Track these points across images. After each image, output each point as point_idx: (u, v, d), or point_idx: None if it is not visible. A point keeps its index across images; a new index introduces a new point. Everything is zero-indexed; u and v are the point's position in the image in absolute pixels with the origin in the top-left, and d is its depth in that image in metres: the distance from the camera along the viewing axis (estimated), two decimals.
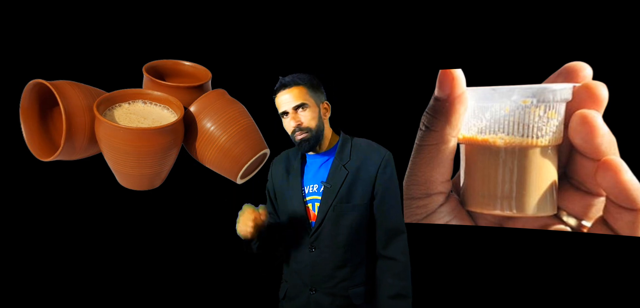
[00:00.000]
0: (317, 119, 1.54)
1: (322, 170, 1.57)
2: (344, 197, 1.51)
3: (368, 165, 1.53)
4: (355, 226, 1.52)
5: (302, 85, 1.53)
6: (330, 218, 1.50)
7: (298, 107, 1.52)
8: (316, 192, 1.55)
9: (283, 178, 1.62)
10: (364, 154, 1.55)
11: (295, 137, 1.54)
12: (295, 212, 1.56)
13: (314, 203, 1.55)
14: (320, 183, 1.54)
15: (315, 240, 1.52)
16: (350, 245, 1.52)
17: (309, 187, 1.57)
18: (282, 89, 1.54)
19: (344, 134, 1.62)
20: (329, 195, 1.51)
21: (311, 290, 1.52)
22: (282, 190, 1.61)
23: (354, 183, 1.52)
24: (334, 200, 1.50)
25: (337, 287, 1.51)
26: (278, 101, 1.56)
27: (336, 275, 1.51)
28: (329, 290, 1.51)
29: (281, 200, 1.62)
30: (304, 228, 1.54)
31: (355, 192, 1.52)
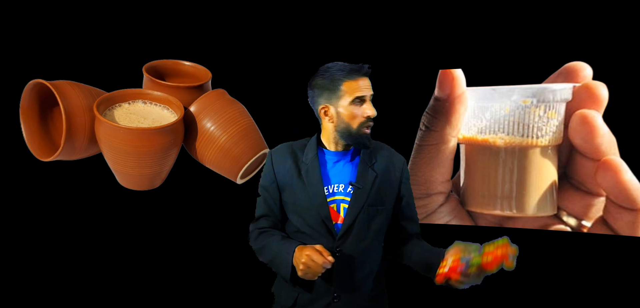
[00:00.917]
0: None
1: (345, 169, 1.47)
2: (373, 199, 1.44)
3: (392, 168, 1.49)
4: (382, 229, 1.47)
5: None
6: (360, 221, 1.42)
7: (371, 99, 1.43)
8: (342, 193, 1.45)
9: (292, 175, 1.47)
10: (387, 156, 1.50)
11: (364, 128, 1.41)
12: (315, 213, 1.43)
13: (339, 204, 1.44)
14: (347, 184, 1.45)
15: (343, 244, 1.42)
16: (375, 250, 1.47)
17: (333, 187, 1.46)
18: (365, 75, 1.43)
19: None
20: (360, 197, 1.42)
21: (335, 298, 1.42)
22: (293, 187, 1.46)
23: (381, 185, 1.46)
24: (365, 202, 1.43)
25: (362, 295, 1.44)
26: (359, 84, 1.41)
27: (361, 281, 1.44)
28: (353, 297, 1.43)
29: (292, 198, 1.46)
30: (326, 231, 1.43)
31: (383, 195, 1.46)
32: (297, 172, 1.46)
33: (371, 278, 1.46)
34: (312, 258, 1.28)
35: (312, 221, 1.42)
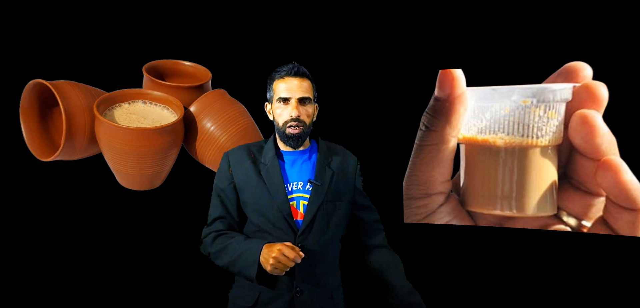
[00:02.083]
0: (312, 118, 1.54)
1: (304, 167, 1.54)
2: (332, 195, 1.52)
3: (347, 166, 1.59)
4: (341, 223, 1.54)
5: (311, 82, 1.55)
6: (320, 217, 1.49)
7: (302, 100, 1.50)
8: (301, 190, 1.51)
9: (250, 175, 1.52)
10: (341, 155, 1.60)
11: (288, 129, 1.49)
12: (277, 211, 1.48)
13: (298, 201, 1.50)
14: (305, 181, 1.52)
15: (304, 240, 1.47)
16: (335, 244, 1.54)
17: (292, 185, 1.52)
18: (293, 75, 1.51)
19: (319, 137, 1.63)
20: (319, 193, 1.50)
21: (297, 292, 1.46)
22: (252, 187, 1.51)
23: (338, 182, 1.54)
24: (325, 198, 1.50)
25: (324, 287, 1.49)
26: (284, 85, 1.51)
27: (323, 275, 1.49)
28: (315, 291, 1.48)
29: (252, 199, 1.51)
30: (288, 227, 1.48)
31: (341, 190, 1.54)
32: (256, 173, 1.52)
33: (332, 272, 1.53)
34: (284, 253, 1.33)
35: (274, 219, 1.48)
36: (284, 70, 1.53)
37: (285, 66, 1.53)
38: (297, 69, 1.51)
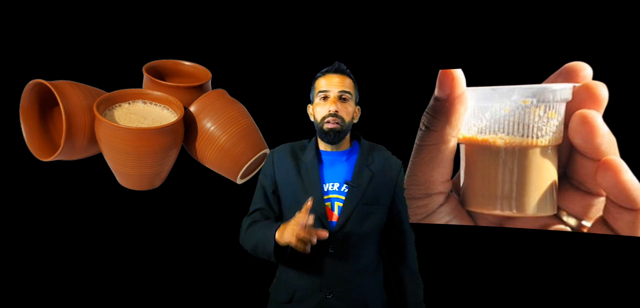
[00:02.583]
0: (351, 117, 1.49)
1: (341, 168, 1.50)
2: (369, 198, 1.46)
3: (389, 169, 1.52)
4: (376, 228, 1.49)
5: (353, 80, 1.51)
6: (354, 219, 1.45)
7: (342, 96, 1.46)
8: (337, 191, 1.48)
9: (292, 173, 1.51)
10: (384, 157, 1.53)
11: (325, 124, 1.45)
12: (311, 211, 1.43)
13: (333, 202, 1.47)
14: (342, 182, 1.48)
15: (336, 242, 1.44)
16: (369, 248, 1.48)
17: (328, 185, 1.48)
18: (334, 72, 1.48)
19: (363, 138, 1.57)
20: (354, 195, 1.45)
21: (327, 294, 1.43)
22: (291, 186, 1.49)
23: (377, 185, 1.48)
24: (360, 201, 1.45)
25: (354, 291, 1.45)
26: (325, 81, 1.48)
27: (354, 279, 1.45)
28: (345, 295, 1.44)
29: (291, 197, 1.50)
30: (322, 228, 1.42)
31: (379, 194, 1.48)
32: (296, 172, 1.50)
33: (366, 274, 1.48)
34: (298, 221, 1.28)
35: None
36: (326, 69, 1.50)
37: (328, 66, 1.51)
38: (338, 66, 1.48)
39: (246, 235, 1.49)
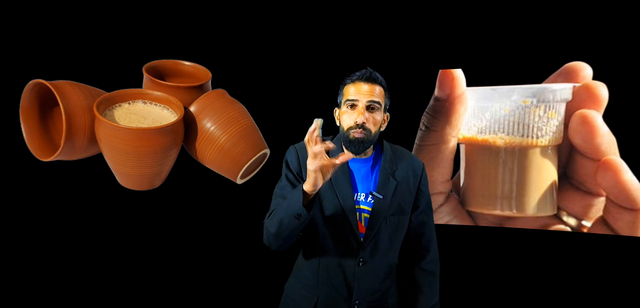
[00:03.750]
0: (378, 127, 1.42)
1: (366, 177, 1.46)
2: (395, 208, 1.44)
3: (412, 174, 1.48)
4: (401, 236, 1.48)
5: (384, 89, 1.43)
6: (382, 231, 1.43)
7: (370, 107, 1.39)
8: (363, 202, 1.44)
9: None
10: (406, 162, 1.49)
11: (352, 133, 1.38)
12: (343, 221, 1.41)
13: (361, 213, 1.43)
14: (367, 192, 1.44)
15: (366, 254, 1.42)
16: (394, 255, 1.48)
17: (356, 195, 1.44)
18: (364, 80, 1.40)
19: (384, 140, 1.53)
20: (382, 207, 1.42)
21: (355, 303, 1.43)
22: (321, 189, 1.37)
23: (402, 193, 1.45)
24: (386, 212, 1.42)
25: (380, 299, 1.46)
26: (354, 88, 1.40)
27: (381, 286, 1.46)
28: (372, 303, 1.45)
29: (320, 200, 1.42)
30: (352, 239, 1.42)
31: (403, 203, 1.46)
32: None
33: (389, 279, 1.48)
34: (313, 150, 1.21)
35: (339, 228, 1.42)
36: (356, 75, 1.42)
37: (358, 71, 1.44)
38: (370, 74, 1.41)
39: (269, 220, 1.39)
